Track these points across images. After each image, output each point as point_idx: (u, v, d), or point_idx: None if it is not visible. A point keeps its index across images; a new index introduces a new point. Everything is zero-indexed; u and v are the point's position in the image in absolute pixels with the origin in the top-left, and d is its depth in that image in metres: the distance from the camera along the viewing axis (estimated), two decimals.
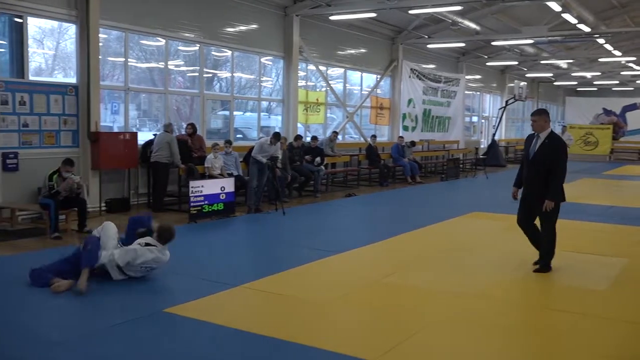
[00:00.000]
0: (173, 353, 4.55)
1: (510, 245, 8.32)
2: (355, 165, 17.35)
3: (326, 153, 15.61)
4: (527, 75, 30.63)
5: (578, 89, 37.89)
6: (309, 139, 15.51)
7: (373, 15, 16.53)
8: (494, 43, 22.21)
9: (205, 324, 5.12)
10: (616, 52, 23.68)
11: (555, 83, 34.88)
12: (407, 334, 5.03)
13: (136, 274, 6.36)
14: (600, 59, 26.28)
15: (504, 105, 26.88)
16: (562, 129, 26.02)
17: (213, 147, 11.81)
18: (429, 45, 21.41)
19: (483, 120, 29.46)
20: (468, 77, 25.56)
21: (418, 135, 21.41)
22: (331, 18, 16.28)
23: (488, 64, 26.61)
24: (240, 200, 11.78)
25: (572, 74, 31.05)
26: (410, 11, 16.62)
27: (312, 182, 14.26)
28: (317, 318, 5.48)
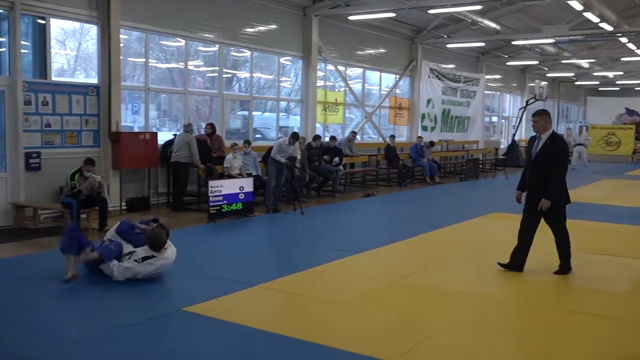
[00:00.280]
0: (191, 351, 4.58)
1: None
2: (373, 165, 17.32)
3: (345, 153, 15.60)
4: (548, 74, 30.33)
5: (600, 89, 37.41)
6: (327, 139, 15.51)
7: (392, 15, 16.50)
8: (514, 42, 22.05)
9: (223, 323, 5.15)
10: (639, 52, 23.35)
11: (577, 83, 34.49)
12: (426, 334, 5.01)
13: (145, 277, 6.42)
14: (623, 58, 25.91)
15: (525, 105, 26.68)
16: (579, 130, 25.72)
17: (232, 147, 11.87)
18: (448, 45, 21.30)
19: (503, 120, 29.22)
20: (488, 77, 25.37)
21: (437, 136, 21.32)
22: (350, 18, 16.27)
23: (508, 63, 26.39)
24: (258, 200, 11.82)
25: (594, 74, 30.67)
26: (430, 11, 16.53)
27: (331, 182, 14.25)
28: (336, 318, 5.48)
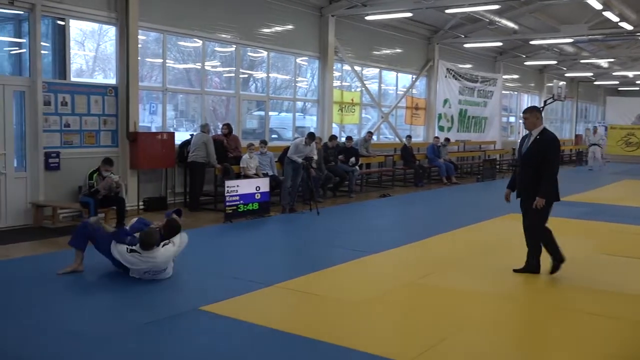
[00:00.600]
0: (208, 350, 4.61)
1: None
2: (390, 165, 17.27)
3: (361, 153, 15.59)
4: (567, 74, 30.03)
5: (619, 89, 36.98)
6: (343, 139, 15.50)
7: (409, 15, 16.45)
8: (532, 42, 21.87)
9: (240, 323, 5.17)
10: None
11: (596, 83, 34.11)
12: (442, 335, 4.99)
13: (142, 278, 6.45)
14: None
15: (543, 105, 26.40)
16: (594, 129, 25.40)
17: (248, 147, 11.91)
18: (465, 45, 21.17)
19: (520, 121, 28.98)
20: (505, 77, 25.19)
21: (454, 136, 21.22)
22: (367, 18, 16.25)
23: (526, 63, 26.17)
24: (275, 200, 11.85)
25: (613, 74, 30.30)
26: (447, 10, 16.47)
27: (347, 183, 14.24)
28: (351, 318, 5.47)
